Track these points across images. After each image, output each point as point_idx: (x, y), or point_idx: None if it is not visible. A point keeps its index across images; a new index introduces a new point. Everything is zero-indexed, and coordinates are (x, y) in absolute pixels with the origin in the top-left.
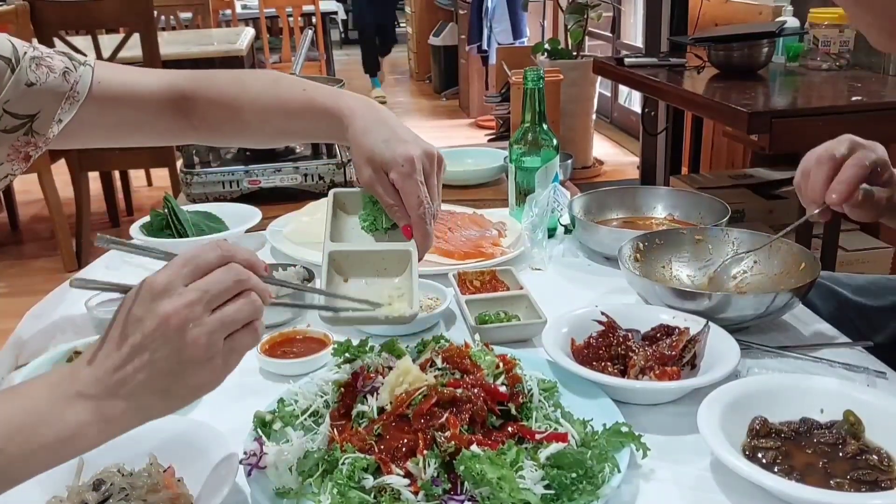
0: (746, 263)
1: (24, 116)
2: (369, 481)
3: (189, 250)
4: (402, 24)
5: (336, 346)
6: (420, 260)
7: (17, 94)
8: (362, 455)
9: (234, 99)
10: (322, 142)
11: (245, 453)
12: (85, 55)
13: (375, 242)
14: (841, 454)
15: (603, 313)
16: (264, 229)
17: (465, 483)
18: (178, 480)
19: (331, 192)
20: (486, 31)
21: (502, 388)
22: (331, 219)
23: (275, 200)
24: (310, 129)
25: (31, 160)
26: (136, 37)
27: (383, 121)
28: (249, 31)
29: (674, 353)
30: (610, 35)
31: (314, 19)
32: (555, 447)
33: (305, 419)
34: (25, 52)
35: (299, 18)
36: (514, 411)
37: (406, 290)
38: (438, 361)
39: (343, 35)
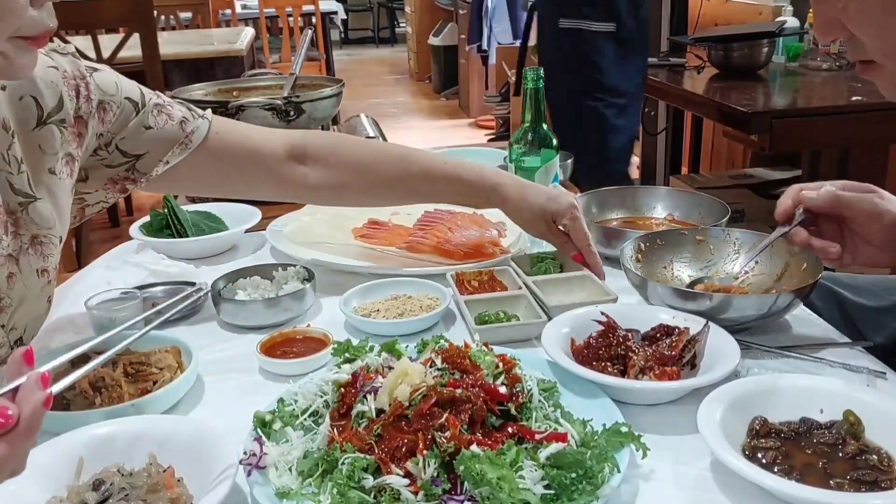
0: (749, 265)
1: (131, 156)
2: (369, 481)
3: None
4: (401, 24)
5: (336, 346)
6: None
7: (134, 135)
8: (362, 455)
9: (358, 152)
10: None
11: (245, 453)
12: (204, 111)
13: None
14: (841, 454)
15: (603, 313)
16: (264, 229)
17: (465, 483)
18: (178, 480)
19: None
20: (486, 31)
21: (502, 389)
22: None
23: (274, 201)
24: (449, 194)
25: (127, 192)
26: (135, 37)
27: (529, 184)
28: (249, 31)
29: (674, 353)
30: None
31: (314, 19)
32: (554, 447)
33: (305, 419)
34: (151, 99)
35: (299, 18)
36: (513, 411)
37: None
38: (438, 361)
39: (343, 35)
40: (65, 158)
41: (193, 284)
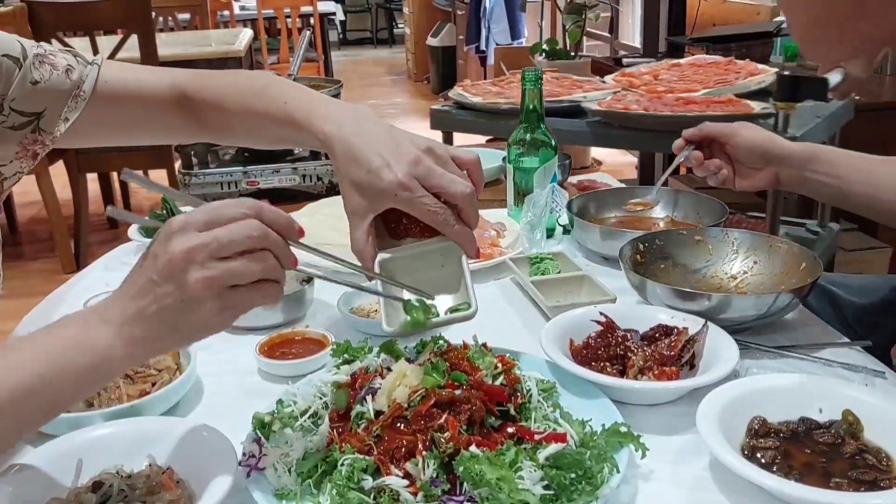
0: (746, 263)
1: (30, 114)
2: (368, 482)
3: (217, 203)
4: (400, 25)
5: (335, 346)
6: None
7: (22, 93)
8: (361, 456)
9: (225, 103)
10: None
11: (244, 454)
12: (93, 56)
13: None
14: (840, 454)
15: (601, 313)
16: None
17: (465, 484)
18: (177, 482)
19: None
20: (484, 32)
21: (501, 389)
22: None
23: (273, 201)
24: (298, 141)
25: (38, 158)
26: (134, 38)
27: (365, 141)
28: (247, 33)
29: (672, 353)
30: (608, 35)
31: (312, 20)
32: (554, 447)
33: (304, 420)
34: (31, 51)
35: (297, 19)
36: (512, 412)
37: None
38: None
39: (341, 36)
40: None
41: None
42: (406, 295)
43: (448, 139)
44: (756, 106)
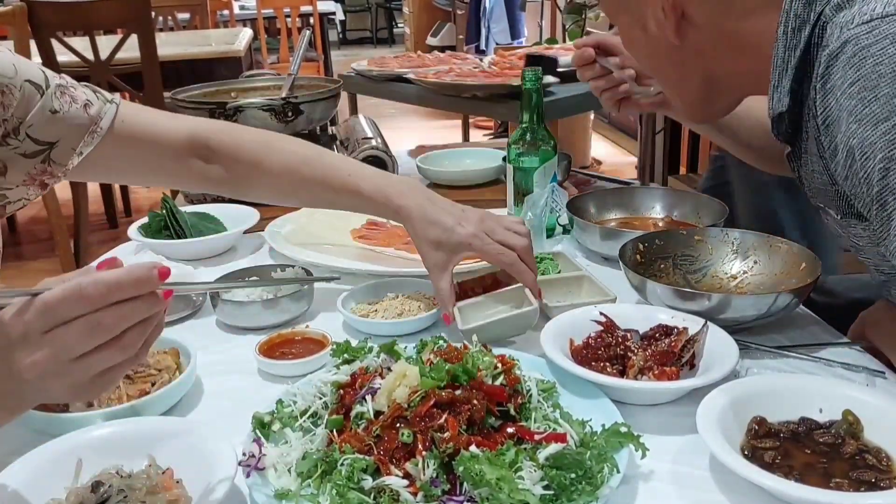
0: (746, 263)
1: (44, 143)
2: (368, 482)
3: (52, 293)
4: (399, 25)
5: (335, 346)
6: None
7: (41, 120)
8: (361, 456)
9: (264, 163)
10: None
11: (244, 454)
12: (112, 95)
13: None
14: (840, 454)
15: (601, 313)
16: (263, 230)
17: (465, 484)
18: (177, 482)
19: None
20: (484, 32)
21: (501, 389)
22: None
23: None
24: (355, 208)
25: (48, 188)
26: (133, 38)
27: (438, 208)
28: (247, 32)
29: (673, 353)
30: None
31: (312, 20)
32: (554, 447)
33: (304, 420)
34: (53, 80)
35: (297, 19)
36: (512, 412)
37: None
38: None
39: (341, 36)
40: None
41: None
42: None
43: (354, 102)
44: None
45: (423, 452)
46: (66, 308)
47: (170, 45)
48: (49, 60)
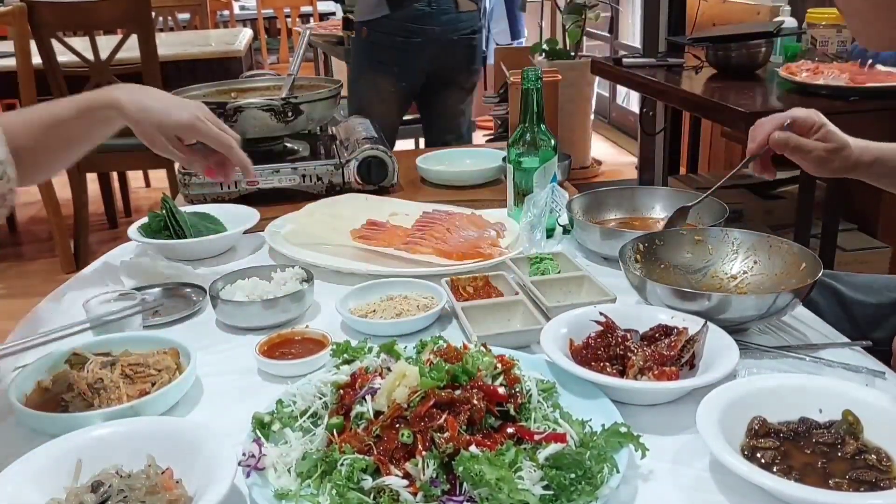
0: (747, 263)
1: None
2: (368, 482)
3: None
4: None
5: (335, 346)
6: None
7: None
8: (361, 456)
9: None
10: (99, 141)
11: (244, 455)
12: None
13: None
14: (840, 454)
15: (601, 313)
16: (263, 230)
17: (464, 484)
18: (177, 482)
19: None
20: (483, 32)
21: (501, 389)
22: None
23: (273, 201)
24: (86, 130)
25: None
26: (133, 38)
27: (150, 97)
28: (247, 32)
29: (672, 353)
30: (608, 35)
31: (312, 20)
32: (553, 448)
33: (304, 420)
34: None
35: (297, 19)
36: (512, 412)
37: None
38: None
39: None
40: None
41: (192, 286)
42: None
43: None
44: None
45: (423, 452)
46: None
47: (170, 46)
48: (49, 60)
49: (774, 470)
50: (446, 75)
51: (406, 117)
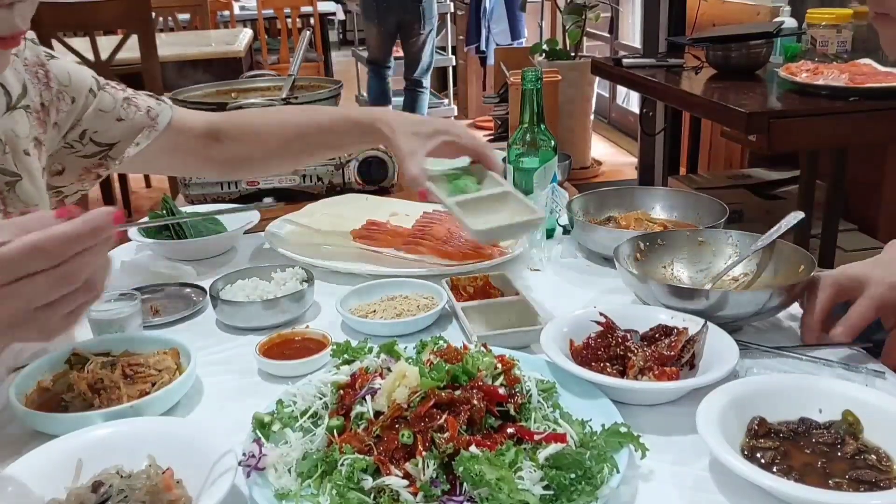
0: (749, 265)
1: (104, 145)
2: (368, 482)
3: (10, 249)
4: None
5: (335, 346)
6: (499, 170)
7: (104, 126)
8: (361, 456)
9: (260, 122)
10: (354, 150)
11: (244, 455)
12: (162, 97)
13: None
14: (839, 454)
15: (601, 314)
16: (263, 230)
17: (464, 484)
18: (177, 482)
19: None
20: (484, 32)
21: (501, 390)
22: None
23: (274, 201)
24: (342, 138)
25: (100, 179)
26: (134, 38)
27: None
28: (247, 33)
29: (672, 353)
30: (608, 36)
31: (312, 20)
32: (553, 448)
33: (304, 421)
34: (106, 86)
35: (297, 20)
36: (512, 412)
37: (516, 211)
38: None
39: (341, 36)
40: (33, 142)
41: (192, 286)
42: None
43: None
44: None
45: (423, 453)
46: (26, 263)
47: (170, 46)
48: None
49: (774, 470)
50: (406, 26)
51: None
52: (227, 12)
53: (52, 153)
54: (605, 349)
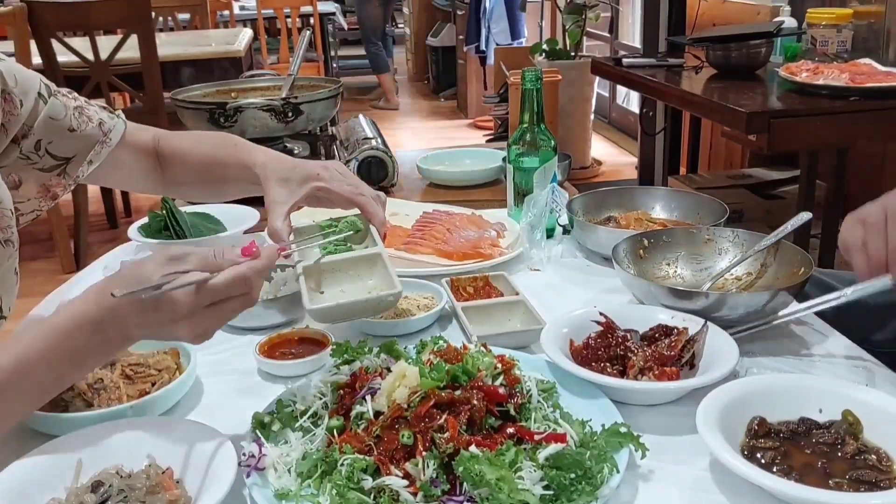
0: (754, 265)
1: (61, 159)
2: (368, 482)
3: (220, 280)
4: (399, 25)
5: (335, 346)
6: (383, 238)
7: (59, 137)
8: (361, 456)
9: (188, 146)
10: (248, 193)
11: (244, 455)
12: (115, 110)
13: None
14: (839, 454)
15: (601, 314)
16: (262, 230)
17: (464, 484)
18: (177, 482)
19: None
20: (484, 32)
21: (501, 389)
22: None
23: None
24: (238, 179)
25: (57, 199)
26: (133, 38)
27: (286, 157)
28: (247, 32)
29: (672, 353)
30: (608, 35)
31: (312, 20)
32: (553, 448)
33: (304, 421)
34: (59, 93)
35: (297, 19)
36: (512, 412)
37: (381, 281)
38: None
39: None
40: None
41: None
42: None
43: None
44: None
45: (423, 453)
46: (230, 290)
47: (170, 46)
48: (49, 61)
49: (774, 470)
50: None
51: None
52: (226, 12)
53: (9, 164)
54: (605, 349)
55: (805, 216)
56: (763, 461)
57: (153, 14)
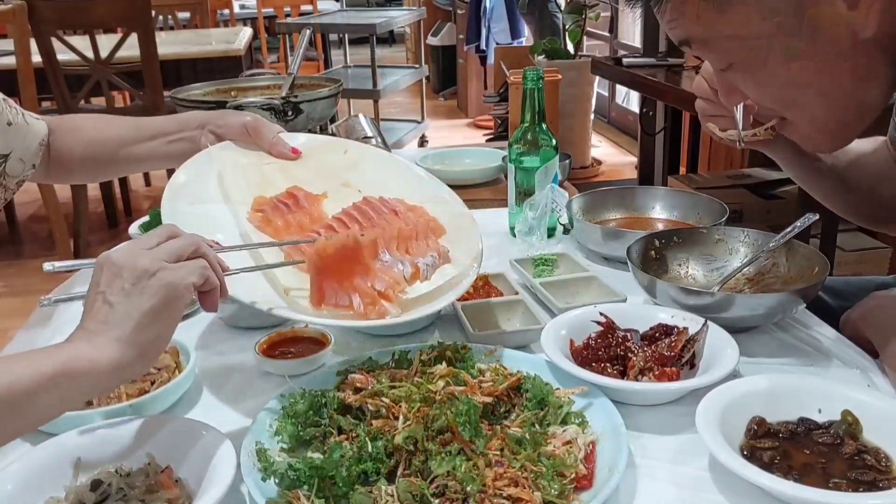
0: (765, 266)
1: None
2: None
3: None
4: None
5: (335, 346)
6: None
7: None
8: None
9: (79, 125)
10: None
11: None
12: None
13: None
14: (839, 454)
15: (601, 314)
16: None
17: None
18: (176, 481)
19: None
20: (484, 31)
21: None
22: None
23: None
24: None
25: (2, 203)
26: (133, 37)
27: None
28: (247, 31)
29: (673, 353)
30: (608, 35)
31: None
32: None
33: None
34: None
35: (297, 18)
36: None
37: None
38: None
39: (341, 35)
40: None
41: None
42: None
43: None
44: None
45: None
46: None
47: (170, 44)
48: (49, 59)
49: (774, 470)
50: None
51: None
52: (226, 11)
53: None
54: (605, 349)
55: (812, 217)
56: (762, 461)
57: (153, 12)
